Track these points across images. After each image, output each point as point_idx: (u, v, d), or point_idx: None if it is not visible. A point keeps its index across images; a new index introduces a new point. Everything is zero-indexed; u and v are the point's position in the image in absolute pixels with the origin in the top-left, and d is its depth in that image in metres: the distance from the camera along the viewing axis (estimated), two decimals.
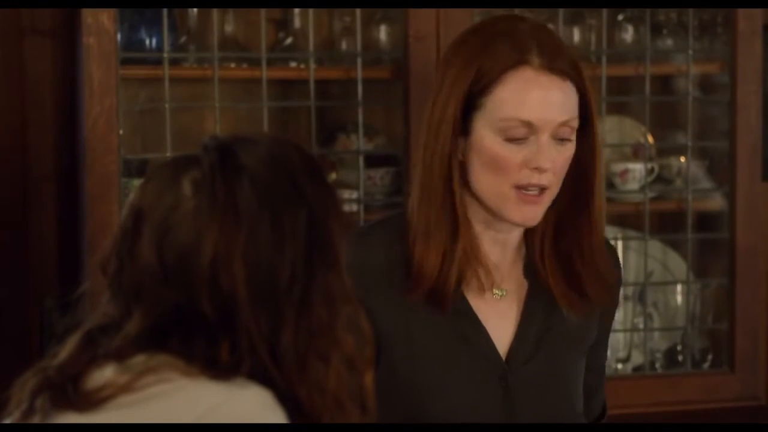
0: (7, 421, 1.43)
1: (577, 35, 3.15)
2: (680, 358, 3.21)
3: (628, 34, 3.18)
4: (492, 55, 1.85)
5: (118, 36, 2.80)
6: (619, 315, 3.18)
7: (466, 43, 1.89)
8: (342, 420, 1.39)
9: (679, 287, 3.22)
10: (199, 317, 1.36)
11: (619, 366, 3.18)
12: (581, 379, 2.01)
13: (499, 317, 1.95)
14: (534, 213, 1.89)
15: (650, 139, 3.21)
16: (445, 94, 1.87)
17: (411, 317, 1.92)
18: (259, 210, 1.37)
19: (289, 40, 3.06)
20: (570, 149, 1.89)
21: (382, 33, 3.07)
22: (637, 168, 3.15)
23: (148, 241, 1.39)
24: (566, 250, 1.95)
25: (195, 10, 2.99)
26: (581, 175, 1.93)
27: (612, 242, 3.13)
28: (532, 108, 1.84)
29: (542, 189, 1.88)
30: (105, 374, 1.38)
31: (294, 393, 1.36)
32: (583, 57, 3.11)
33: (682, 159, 3.17)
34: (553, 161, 1.86)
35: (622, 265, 2.11)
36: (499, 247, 1.96)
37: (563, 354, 1.97)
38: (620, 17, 3.18)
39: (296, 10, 3.04)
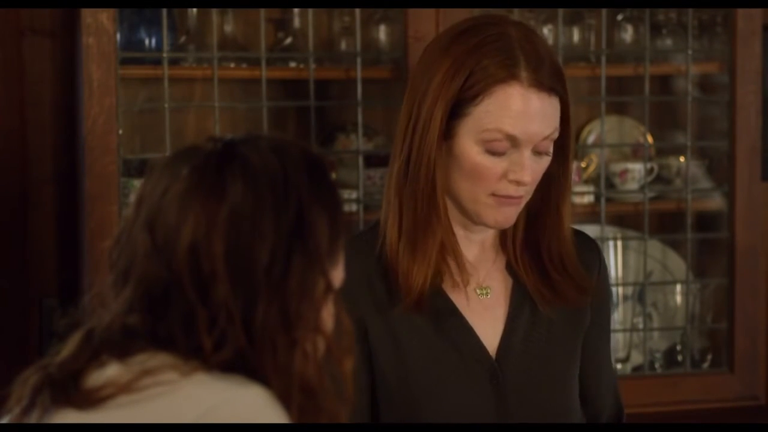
0: (7, 417, 1.44)
1: (576, 35, 3.15)
2: (680, 358, 3.21)
3: (628, 34, 3.18)
4: (482, 65, 1.85)
5: (118, 36, 2.80)
6: (618, 315, 3.19)
7: (453, 46, 1.87)
8: (313, 407, 1.40)
9: (678, 287, 3.22)
10: (181, 291, 1.38)
11: (619, 366, 3.18)
12: (575, 373, 2.01)
13: (485, 316, 1.95)
14: (509, 215, 1.90)
15: (650, 138, 3.21)
16: (432, 97, 1.86)
17: (395, 325, 1.92)
18: (243, 191, 1.40)
19: (288, 40, 3.06)
20: (547, 160, 1.91)
21: (382, 33, 3.07)
22: (637, 168, 3.15)
23: (142, 222, 1.42)
24: (536, 249, 1.96)
25: (194, 10, 2.98)
26: (554, 178, 1.94)
27: (611, 242, 3.17)
28: (518, 124, 1.84)
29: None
30: (106, 373, 1.38)
31: (265, 375, 1.37)
32: (582, 57, 3.14)
33: (682, 159, 3.17)
34: (533, 174, 1.88)
35: (609, 263, 2.12)
36: (477, 247, 1.97)
37: (553, 348, 1.97)
38: (620, 17, 3.18)
39: (296, 10, 3.04)
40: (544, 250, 1.96)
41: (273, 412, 1.35)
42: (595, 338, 2.04)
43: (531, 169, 1.86)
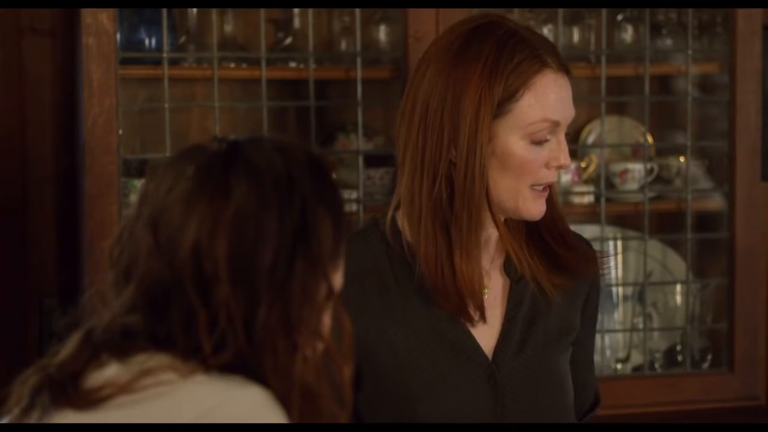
0: (6, 417, 1.44)
1: (576, 35, 3.15)
2: (680, 358, 3.21)
3: (628, 34, 3.18)
4: (515, 63, 1.86)
5: (118, 36, 2.80)
6: (618, 315, 3.19)
7: (470, 52, 1.87)
8: (313, 411, 1.40)
9: (678, 287, 3.22)
10: (182, 291, 1.38)
11: (619, 366, 3.18)
12: (569, 370, 2.01)
13: None
14: (544, 205, 1.93)
15: (650, 139, 3.21)
16: (471, 108, 1.85)
17: (389, 325, 1.92)
18: (248, 192, 1.39)
19: (288, 40, 3.06)
20: None
21: (382, 33, 3.07)
22: (637, 168, 3.15)
23: (145, 221, 1.42)
24: (537, 234, 1.98)
25: (194, 10, 2.99)
26: None
27: (611, 242, 3.17)
28: (557, 108, 1.88)
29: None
30: (105, 374, 1.38)
31: (265, 378, 1.37)
32: (582, 57, 3.14)
33: (682, 159, 3.17)
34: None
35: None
36: (482, 246, 1.97)
37: (549, 347, 1.98)
38: (620, 17, 3.18)
39: (296, 10, 3.04)
40: (544, 231, 1.97)
41: (272, 413, 1.35)
42: (583, 341, 2.06)
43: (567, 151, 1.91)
